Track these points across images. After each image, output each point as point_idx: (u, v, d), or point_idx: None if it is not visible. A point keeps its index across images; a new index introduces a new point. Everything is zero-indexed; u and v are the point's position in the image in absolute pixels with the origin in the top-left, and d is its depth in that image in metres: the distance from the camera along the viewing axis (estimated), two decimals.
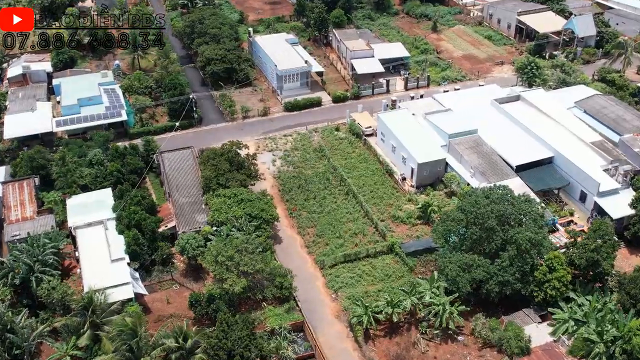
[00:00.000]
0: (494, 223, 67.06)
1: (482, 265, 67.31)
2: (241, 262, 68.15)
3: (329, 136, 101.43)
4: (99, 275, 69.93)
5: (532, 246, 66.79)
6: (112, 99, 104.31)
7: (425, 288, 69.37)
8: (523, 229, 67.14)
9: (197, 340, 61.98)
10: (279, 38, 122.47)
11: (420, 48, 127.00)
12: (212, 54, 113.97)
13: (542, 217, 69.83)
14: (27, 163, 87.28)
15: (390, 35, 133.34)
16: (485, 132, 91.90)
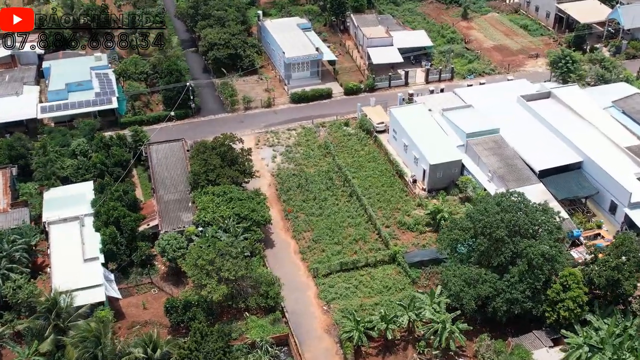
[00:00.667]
0: (503, 233, 65.60)
1: (489, 280, 65.92)
2: (223, 268, 67.74)
3: (336, 131, 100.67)
4: (70, 275, 70.28)
5: (546, 261, 65.18)
6: (104, 85, 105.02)
7: (425, 303, 68.16)
8: (536, 242, 65.57)
9: (167, 351, 61.76)
10: (290, 22, 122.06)
11: (447, 37, 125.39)
12: (216, 38, 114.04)
13: (560, 229, 68.04)
14: (6, 151, 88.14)
15: (415, 22, 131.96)
16: (509, 132, 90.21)
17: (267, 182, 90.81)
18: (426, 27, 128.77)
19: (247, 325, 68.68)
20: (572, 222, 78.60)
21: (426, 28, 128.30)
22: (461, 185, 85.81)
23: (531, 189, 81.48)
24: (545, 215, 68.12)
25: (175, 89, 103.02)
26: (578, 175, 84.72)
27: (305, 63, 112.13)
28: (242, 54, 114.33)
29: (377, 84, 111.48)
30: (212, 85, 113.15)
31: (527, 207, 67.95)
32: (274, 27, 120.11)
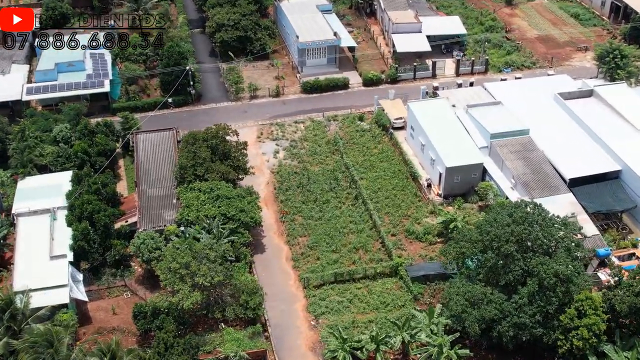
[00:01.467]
0: (512, 248, 63.95)
1: (495, 300, 64.29)
2: (198, 272, 67.46)
3: (349, 126, 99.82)
4: (33, 273, 70.95)
5: (560, 282, 63.23)
6: (98, 66, 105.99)
7: (422, 323, 66.87)
8: (550, 260, 63.65)
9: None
10: (308, 3, 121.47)
11: (486, 25, 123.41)
12: (224, 19, 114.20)
13: (579, 246, 65.95)
14: None
15: (452, 8, 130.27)
16: (540, 133, 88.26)
17: (265, 180, 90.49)
18: (463, 13, 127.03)
19: (222, 338, 68.20)
20: (602, 239, 76.37)
21: (463, 14, 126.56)
22: (480, 191, 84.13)
23: (559, 199, 79.64)
24: (564, 229, 66.03)
25: (174, 73, 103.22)
26: (615, 186, 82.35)
27: (321, 49, 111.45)
28: (253, 36, 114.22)
29: (401, 74, 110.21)
30: (217, 71, 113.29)
31: (543, 220, 65.93)
32: (290, 8, 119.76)
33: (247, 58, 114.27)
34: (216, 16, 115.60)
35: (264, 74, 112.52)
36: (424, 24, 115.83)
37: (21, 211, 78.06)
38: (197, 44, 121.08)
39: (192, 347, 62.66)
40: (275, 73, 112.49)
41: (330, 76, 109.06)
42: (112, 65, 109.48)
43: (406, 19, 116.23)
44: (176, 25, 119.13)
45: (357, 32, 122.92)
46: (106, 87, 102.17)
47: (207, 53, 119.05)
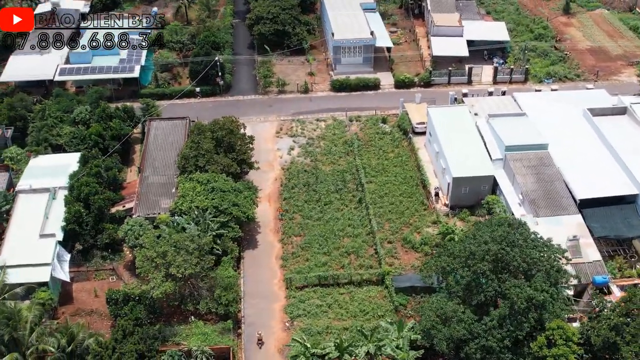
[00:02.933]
0: (485, 267, 61.00)
1: (465, 320, 61.46)
2: (173, 263, 67.28)
3: (370, 128, 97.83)
4: (20, 249, 72.45)
5: (534, 308, 59.95)
6: (132, 52, 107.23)
7: (390, 335, 64.72)
8: (525, 283, 60.37)
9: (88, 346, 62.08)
10: (353, 1, 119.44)
11: (535, 32, 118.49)
12: (263, 12, 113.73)
13: (559, 271, 62.23)
14: (6, 111, 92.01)
15: (505, 13, 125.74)
16: (561, 149, 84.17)
17: (274, 176, 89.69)
18: (515, 19, 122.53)
19: (191, 331, 67.83)
20: (603, 266, 72.02)
21: (515, 20, 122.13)
22: (486, 205, 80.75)
23: (565, 219, 75.89)
24: (546, 251, 62.48)
25: (203, 62, 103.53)
26: (629, 211, 77.75)
27: (357, 48, 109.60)
28: (291, 31, 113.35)
29: (434, 78, 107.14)
30: (253, 63, 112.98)
31: (525, 241, 62.56)
32: (332, 4, 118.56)
33: (283, 52, 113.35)
34: (257, 8, 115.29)
35: (298, 69, 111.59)
36: (467, 29, 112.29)
37: (22, 188, 79.73)
38: (238, 35, 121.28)
39: (149, 337, 62.26)
40: (309, 69, 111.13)
41: (361, 76, 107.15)
42: (149, 51, 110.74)
43: (448, 22, 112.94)
44: (217, 15, 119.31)
45: (400, 33, 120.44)
46: (135, 73, 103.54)
47: (246, 45, 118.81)
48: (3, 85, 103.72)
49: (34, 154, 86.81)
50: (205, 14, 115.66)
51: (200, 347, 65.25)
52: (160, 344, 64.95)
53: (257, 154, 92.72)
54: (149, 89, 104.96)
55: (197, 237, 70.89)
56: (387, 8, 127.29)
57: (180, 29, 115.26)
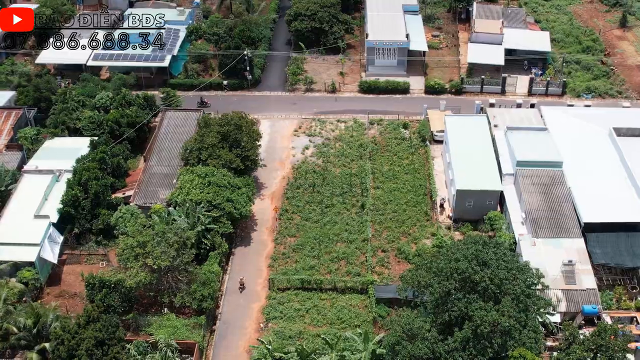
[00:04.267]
0: (451, 286, 58.57)
1: (429, 339, 59.18)
2: (151, 254, 67.43)
3: (390, 132, 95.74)
4: (13, 228, 74.10)
5: (500, 333, 57.22)
6: (167, 41, 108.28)
7: (354, 347, 63.00)
8: (492, 307, 57.66)
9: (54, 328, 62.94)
10: (395, 2, 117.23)
11: (584, 44, 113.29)
12: (302, 8, 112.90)
13: (530, 297, 59.13)
14: (31, 93, 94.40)
15: (556, 23, 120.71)
16: (578, 168, 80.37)
17: (282, 174, 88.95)
18: (565, 30, 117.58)
19: (162, 323, 67.86)
20: (597, 295, 68.16)
21: (565, 30, 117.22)
22: (488, 221, 77.71)
23: (565, 242, 72.49)
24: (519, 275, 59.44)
25: (232, 56, 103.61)
26: (637, 239, 73.10)
27: (391, 50, 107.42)
28: (328, 29, 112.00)
29: (466, 86, 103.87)
30: (286, 60, 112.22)
31: (497, 261, 59.71)
32: (373, 4, 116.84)
33: (318, 50, 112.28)
34: (296, 4, 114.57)
35: (330, 68, 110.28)
36: (507, 37, 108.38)
37: (28, 168, 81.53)
38: (279, 31, 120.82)
39: (111, 326, 62.46)
40: (342, 69, 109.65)
41: (390, 79, 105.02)
42: (185, 41, 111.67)
43: (489, 28, 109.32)
44: (257, 9, 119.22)
45: (442, 38, 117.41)
46: (165, 62, 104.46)
47: (284, 41, 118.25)
48: (39, 67, 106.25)
49: (50, 135, 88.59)
50: (243, 8, 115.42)
51: (166, 340, 64.96)
52: (125, 333, 65.06)
53: (271, 151, 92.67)
54: (178, 79, 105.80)
55: (182, 230, 70.81)
56: (435, 11, 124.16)
57: (220, 21, 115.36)
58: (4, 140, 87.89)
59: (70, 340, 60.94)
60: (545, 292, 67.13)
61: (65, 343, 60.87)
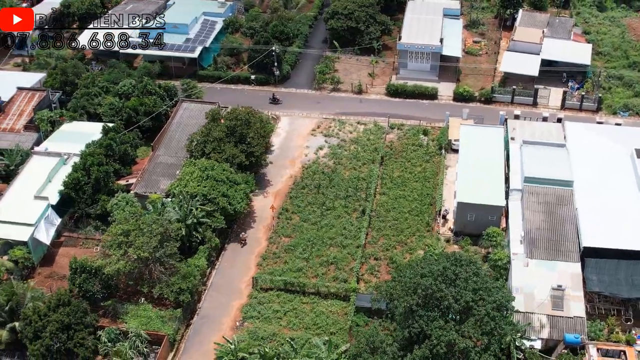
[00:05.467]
0: (413, 302, 56.69)
1: (389, 354, 57.58)
2: (133, 243, 67.88)
3: (409, 138, 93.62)
4: (12, 207, 75.91)
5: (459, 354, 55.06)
6: (201, 33, 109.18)
7: (318, 354, 61.79)
8: (451, 325, 55.51)
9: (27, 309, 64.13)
10: (436, 5, 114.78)
11: (631, 59, 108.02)
12: (340, 7, 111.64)
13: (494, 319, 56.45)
14: (59, 76, 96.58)
15: (607, 35, 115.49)
16: (589, 189, 76.71)
17: (291, 173, 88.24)
18: (614, 43, 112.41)
19: (137, 312, 68.23)
20: (584, 324, 64.67)
21: (614, 44, 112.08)
22: (486, 237, 74.93)
23: (560, 266, 69.34)
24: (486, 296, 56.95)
25: (261, 51, 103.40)
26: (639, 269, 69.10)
27: (424, 54, 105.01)
28: (363, 29, 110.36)
29: (497, 95, 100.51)
30: (320, 58, 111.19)
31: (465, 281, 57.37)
32: (414, 7, 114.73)
33: (353, 50, 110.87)
34: (335, 3, 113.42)
35: (362, 68, 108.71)
36: (546, 47, 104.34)
37: (38, 150, 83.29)
38: (318, 28, 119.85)
39: (80, 311, 63.14)
40: (373, 70, 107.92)
41: (419, 83, 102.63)
42: (221, 34, 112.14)
43: (528, 37, 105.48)
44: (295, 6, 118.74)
45: (484, 44, 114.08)
46: (195, 54, 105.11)
47: (321, 39, 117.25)
48: (76, 51, 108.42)
49: (68, 119, 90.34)
50: (280, 3, 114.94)
51: (136, 330, 65.28)
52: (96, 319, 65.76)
53: (285, 148, 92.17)
54: (207, 71, 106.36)
55: (168, 221, 70.98)
56: (481, 17, 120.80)
57: (259, 15, 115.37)
58: (24, 120, 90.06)
59: (37, 321, 61.85)
60: (529, 315, 64.55)
61: (32, 324, 61.80)
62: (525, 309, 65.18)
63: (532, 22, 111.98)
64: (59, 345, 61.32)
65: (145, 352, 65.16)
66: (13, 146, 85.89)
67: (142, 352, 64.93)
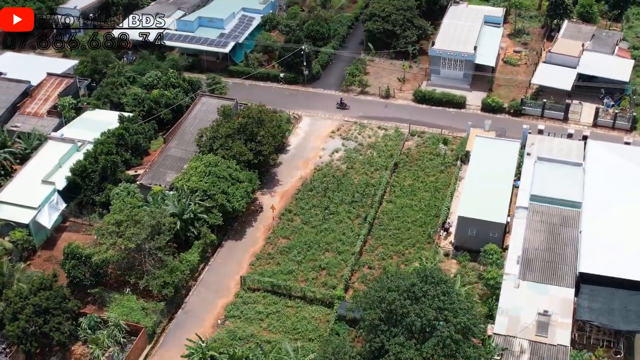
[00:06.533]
0: (375, 316, 55.52)
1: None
2: (124, 234, 68.78)
3: (428, 147, 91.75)
4: (19, 189, 78.01)
5: None
6: (236, 28, 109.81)
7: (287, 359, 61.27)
8: (412, 344, 54.11)
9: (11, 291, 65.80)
10: (477, 12, 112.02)
11: None
12: (377, 9, 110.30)
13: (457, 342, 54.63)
14: (89, 64, 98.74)
15: None
16: (600, 212, 73.47)
17: (301, 174, 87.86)
18: None
19: (121, 302, 69.09)
20: (567, 353, 62.00)
21: None
22: (484, 254, 72.75)
23: (554, 290, 66.69)
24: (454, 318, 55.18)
25: (290, 49, 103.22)
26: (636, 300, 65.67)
27: (457, 61, 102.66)
28: (399, 32, 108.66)
29: (526, 108, 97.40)
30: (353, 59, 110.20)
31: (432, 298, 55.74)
32: (454, 13, 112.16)
33: (388, 53, 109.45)
34: (374, 4, 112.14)
35: (394, 72, 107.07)
36: (585, 61, 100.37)
37: (54, 135, 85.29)
38: (358, 29, 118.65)
39: (59, 297, 64.27)
40: (404, 74, 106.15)
41: (446, 91, 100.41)
42: (257, 30, 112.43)
43: (567, 50, 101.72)
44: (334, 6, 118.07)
45: (524, 54, 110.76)
46: (226, 49, 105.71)
47: (359, 41, 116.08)
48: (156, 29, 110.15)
49: (91, 106, 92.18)
50: (317, 2, 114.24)
51: (116, 319, 66.10)
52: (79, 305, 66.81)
53: (301, 149, 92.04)
54: (238, 66, 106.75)
55: (160, 214, 71.56)
56: (528, 25, 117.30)
57: (297, 13, 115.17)
58: (48, 106, 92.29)
59: (17, 303, 63.29)
60: (510, 339, 62.32)
61: (11, 305, 63.27)
62: (507, 332, 62.85)
63: (576, 34, 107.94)
64: (34, 328, 62.39)
65: (122, 342, 65.82)
66: (34, 130, 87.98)
67: (119, 341, 65.59)
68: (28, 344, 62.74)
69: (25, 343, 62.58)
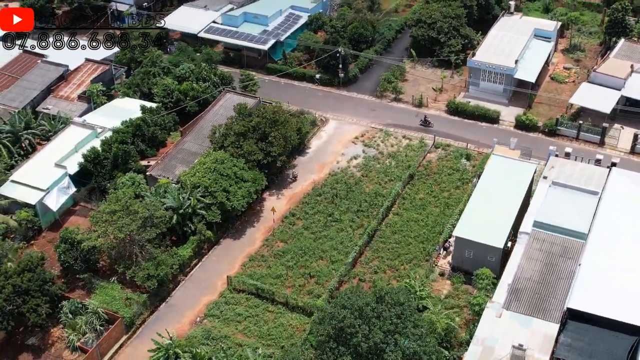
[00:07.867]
0: (325, 332, 54.40)
1: None
2: (115, 223, 69.94)
3: (449, 160, 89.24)
4: (31, 170, 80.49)
5: None
6: (281, 26, 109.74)
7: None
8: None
9: None
10: (528, 24, 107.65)
11: None
12: (424, 15, 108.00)
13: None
14: (128, 53, 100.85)
15: None
16: (608, 246, 69.39)
17: (313, 178, 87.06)
18: None
19: (105, 291, 70.30)
20: None
21: None
22: (476, 278, 70.23)
23: (537, 324, 63.27)
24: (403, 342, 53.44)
25: (327, 51, 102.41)
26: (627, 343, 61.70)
27: (497, 75, 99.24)
28: (444, 40, 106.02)
29: (562, 128, 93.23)
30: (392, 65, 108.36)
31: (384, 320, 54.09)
32: (504, 23, 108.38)
33: (430, 61, 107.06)
34: (421, 10, 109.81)
35: (432, 81, 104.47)
36: (631, 83, 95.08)
37: (76, 120, 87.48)
38: (405, 35, 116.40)
39: (41, 280, 65.91)
40: (442, 84, 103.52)
41: (480, 104, 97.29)
42: (302, 28, 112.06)
43: (613, 70, 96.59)
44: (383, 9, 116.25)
45: (574, 71, 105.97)
46: (266, 47, 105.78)
47: (405, 46, 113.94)
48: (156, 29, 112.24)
49: (121, 94, 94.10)
50: (364, 5, 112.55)
51: (95, 307, 67.30)
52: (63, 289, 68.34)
53: (320, 153, 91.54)
54: (276, 64, 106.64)
55: (154, 207, 72.35)
56: (585, 42, 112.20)
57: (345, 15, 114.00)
58: (80, 91, 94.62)
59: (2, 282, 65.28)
60: None
61: None
62: None
63: (630, 54, 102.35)
64: (11, 307, 64.20)
65: (99, 330, 66.94)
66: (64, 114, 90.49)
67: (96, 329, 66.76)
68: (5, 322, 64.42)
69: (1, 321, 64.31)
